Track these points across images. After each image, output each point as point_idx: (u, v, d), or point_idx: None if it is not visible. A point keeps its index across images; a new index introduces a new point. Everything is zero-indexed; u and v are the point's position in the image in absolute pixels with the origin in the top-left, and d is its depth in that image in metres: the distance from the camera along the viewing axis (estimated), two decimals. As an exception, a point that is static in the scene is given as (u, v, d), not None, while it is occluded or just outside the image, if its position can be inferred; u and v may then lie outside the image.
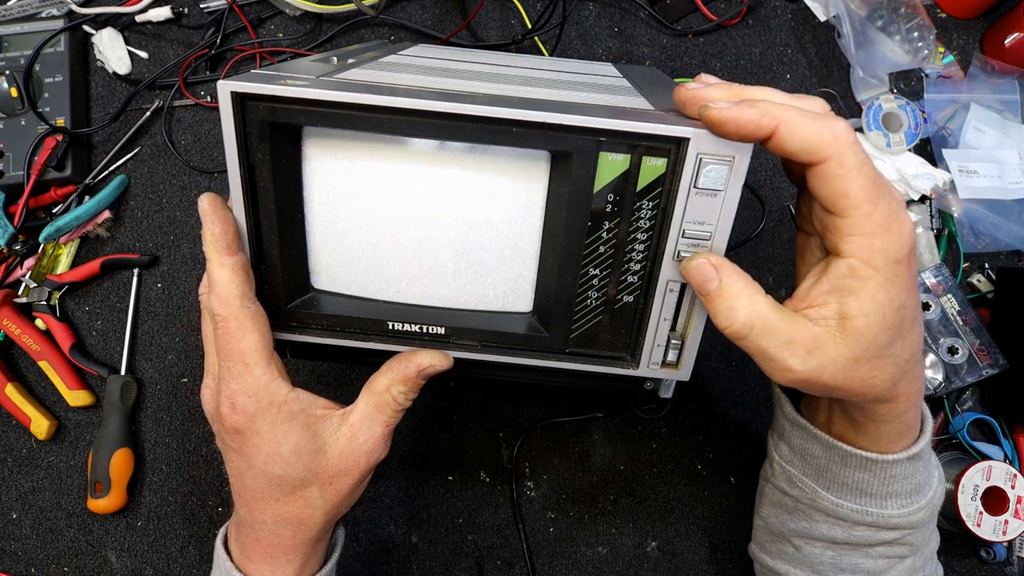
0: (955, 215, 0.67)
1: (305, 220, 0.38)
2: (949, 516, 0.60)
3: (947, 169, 0.67)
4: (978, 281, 0.68)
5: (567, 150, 0.35)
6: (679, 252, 0.37)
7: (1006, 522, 0.58)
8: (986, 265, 0.68)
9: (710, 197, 0.35)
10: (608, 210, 0.36)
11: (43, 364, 0.65)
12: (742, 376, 0.66)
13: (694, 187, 0.35)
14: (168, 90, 0.70)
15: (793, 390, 0.46)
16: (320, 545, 0.44)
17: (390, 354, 0.42)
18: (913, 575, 0.44)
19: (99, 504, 0.62)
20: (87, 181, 0.68)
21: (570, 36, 0.72)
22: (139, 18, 0.70)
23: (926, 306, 0.64)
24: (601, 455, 0.65)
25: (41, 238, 0.65)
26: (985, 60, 0.70)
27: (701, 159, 0.34)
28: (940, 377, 0.60)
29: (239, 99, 0.34)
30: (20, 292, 0.66)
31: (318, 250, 0.39)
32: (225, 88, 0.34)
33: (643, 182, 0.35)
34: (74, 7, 0.69)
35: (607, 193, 0.36)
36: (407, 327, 0.40)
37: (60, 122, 0.67)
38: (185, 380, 0.66)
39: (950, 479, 0.60)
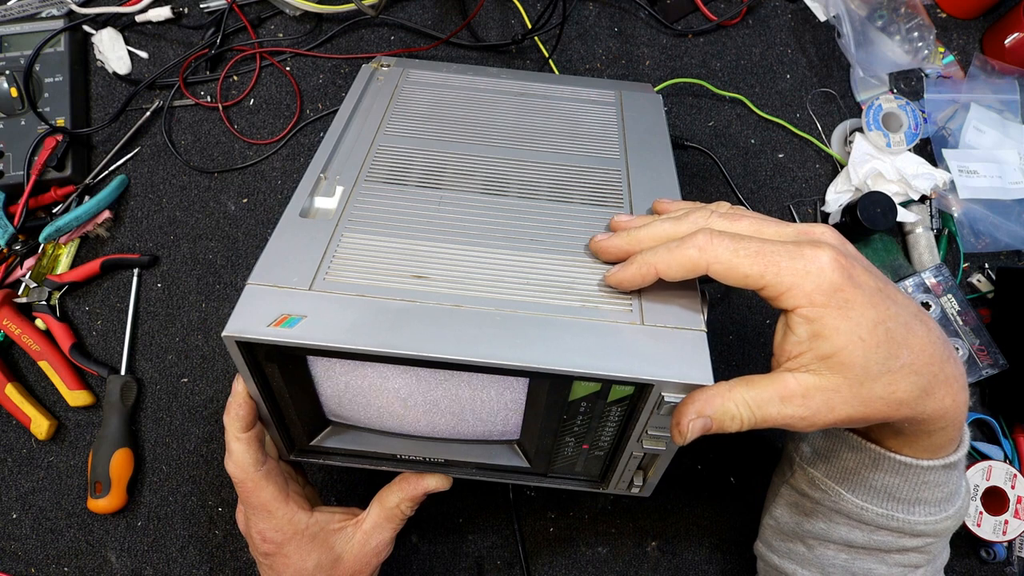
0: (955, 215, 0.67)
1: (317, 394, 0.43)
2: (949, 516, 0.60)
3: (947, 169, 0.67)
4: (978, 281, 0.68)
5: (543, 380, 0.38)
6: (642, 440, 0.41)
7: (1006, 522, 0.58)
8: (986, 265, 0.68)
9: (670, 416, 0.38)
10: (582, 410, 0.40)
11: (43, 364, 0.65)
12: (745, 369, 0.66)
13: (656, 410, 0.38)
14: (168, 90, 0.70)
15: None
16: None
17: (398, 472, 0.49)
18: None
19: (99, 504, 0.62)
20: (87, 181, 0.68)
21: (570, 36, 0.72)
22: (139, 18, 0.70)
23: (926, 306, 0.64)
24: (601, 455, 0.65)
25: (41, 238, 0.65)
26: (985, 60, 0.70)
27: (663, 397, 0.37)
28: (940, 377, 0.60)
29: (244, 344, 0.37)
30: (20, 292, 0.66)
31: (330, 407, 0.45)
32: (231, 338, 0.36)
33: (612, 398, 0.39)
34: (74, 7, 0.69)
35: (580, 403, 0.39)
36: (413, 456, 0.47)
37: (60, 122, 0.67)
38: (185, 380, 0.66)
39: (950, 479, 0.60)
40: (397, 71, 0.59)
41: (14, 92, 0.67)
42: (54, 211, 0.68)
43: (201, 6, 0.71)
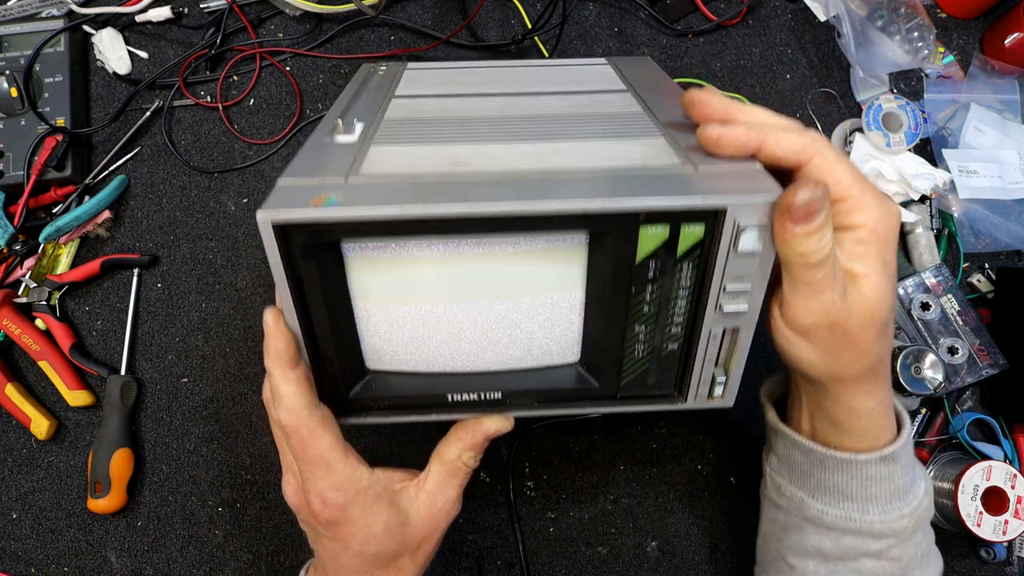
0: (955, 215, 0.67)
1: (355, 315, 0.39)
2: (949, 516, 0.60)
3: (947, 169, 0.67)
4: (978, 281, 0.68)
5: (606, 231, 0.35)
6: (720, 305, 0.38)
7: (1006, 522, 0.58)
8: (986, 265, 0.68)
9: (748, 257, 0.36)
10: (651, 276, 0.37)
11: (43, 364, 0.65)
12: (742, 377, 0.66)
13: (732, 249, 0.36)
14: (168, 90, 0.70)
15: (778, 402, 0.48)
16: None
17: (451, 421, 0.44)
18: None
19: (99, 504, 0.62)
20: (87, 181, 0.68)
21: (570, 36, 0.72)
22: (139, 18, 0.70)
23: (926, 306, 0.64)
24: (601, 455, 0.65)
25: (41, 238, 0.65)
26: (985, 60, 0.70)
27: (738, 225, 0.35)
28: (940, 377, 0.60)
29: (280, 228, 0.34)
30: (20, 292, 0.66)
31: (371, 339, 0.40)
32: (266, 220, 0.33)
33: (683, 247, 0.36)
34: (74, 7, 0.69)
35: (648, 261, 0.36)
36: (466, 396, 0.42)
37: (60, 122, 0.67)
38: (185, 380, 0.66)
39: (950, 479, 0.60)
40: (397, 67, 0.60)
41: (14, 92, 0.67)
42: (54, 211, 0.68)
43: (201, 6, 0.71)
